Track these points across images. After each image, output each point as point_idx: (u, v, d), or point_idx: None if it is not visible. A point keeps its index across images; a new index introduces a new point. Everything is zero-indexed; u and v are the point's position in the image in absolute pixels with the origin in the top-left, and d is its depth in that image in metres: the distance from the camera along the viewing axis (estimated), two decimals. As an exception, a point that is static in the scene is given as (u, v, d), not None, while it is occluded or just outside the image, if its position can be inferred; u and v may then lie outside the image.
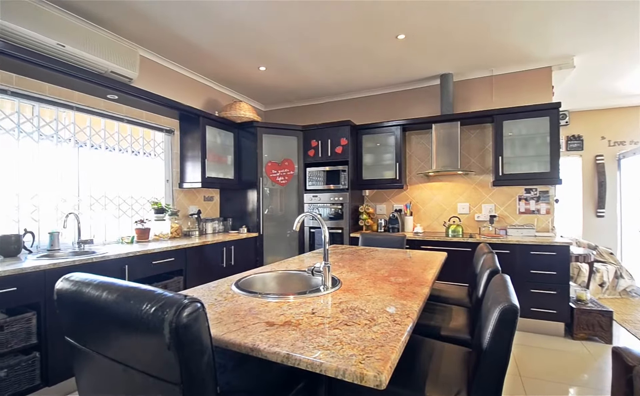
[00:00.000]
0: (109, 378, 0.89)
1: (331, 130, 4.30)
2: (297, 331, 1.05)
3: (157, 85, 3.67)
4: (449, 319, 1.93)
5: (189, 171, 3.87)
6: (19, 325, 2.04)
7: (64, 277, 0.95)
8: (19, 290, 2.01)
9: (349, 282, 1.67)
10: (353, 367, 0.81)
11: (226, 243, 3.72)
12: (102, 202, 3.17)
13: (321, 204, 4.34)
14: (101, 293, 0.83)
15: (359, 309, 1.24)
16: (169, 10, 2.79)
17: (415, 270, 1.93)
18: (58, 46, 2.53)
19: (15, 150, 2.56)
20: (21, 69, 2.44)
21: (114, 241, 3.24)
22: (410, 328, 1.07)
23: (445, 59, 3.73)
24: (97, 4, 2.68)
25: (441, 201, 4.29)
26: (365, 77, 4.26)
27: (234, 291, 1.52)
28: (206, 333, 0.79)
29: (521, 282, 3.31)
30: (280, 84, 4.54)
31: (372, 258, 2.34)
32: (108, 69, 2.89)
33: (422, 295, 1.42)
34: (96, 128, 3.13)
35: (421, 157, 4.41)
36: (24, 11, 2.36)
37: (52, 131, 2.79)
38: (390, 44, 3.39)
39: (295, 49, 3.48)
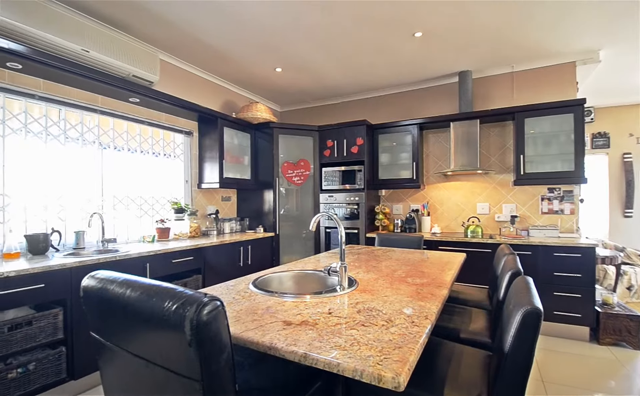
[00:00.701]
0: (132, 373, 0.92)
1: (347, 129, 4.29)
2: (314, 331, 1.05)
3: (177, 88, 3.75)
4: (468, 321, 1.89)
5: (207, 172, 3.94)
6: (46, 320, 2.13)
7: (90, 274, 0.99)
8: (46, 287, 2.10)
9: (366, 282, 1.66)
10: (371, 368, 0.81)
11: (243, 243, 3.77)
12: (125, 202, 3.27)
13: (337, 204, 4.33)
14: (125, 290, 0.85)
15: (376, 310, 1.23)
16: (188, 14, 2.85)
17: (433, 271, 1.90)
18: (82, 51, 2.63)
19: (44, 153, 2.67)
20: (48, 74, 2.55)
21: (135, 240, 3.33)
22: (428, 330, 1.05)
23: (464, 55, 3.65)
24: (119, 10, 2.76)
25: (460, 201, 4.21)
26: (382, 75, 4.23)
27: (251, 290, 1.54)
28: (225, 331, 0.80)
29: (544, 284, 3.21)
30: (296, 85, 4.56)
31: (389, 259, 2.32)
32: (130, 72, 2.98)
33: (441, 296, 1.40)
34: (119, 131, 3.23)
35: (439, 156, 4.34)
36: (51, 18, 2.46)
37: (78, 134, 2.90)
38: (407, 42, 3.35)
39: (311, 49, 3.49)
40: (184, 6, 2.73)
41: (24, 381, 2.01)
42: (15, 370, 1.97)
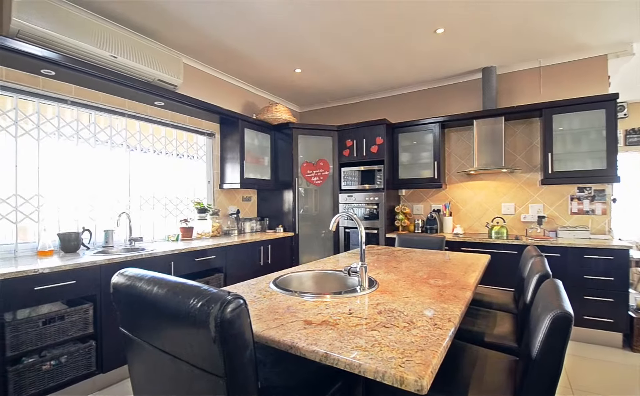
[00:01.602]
0: (159, 368, 0.95)
1: (366, 129, 4.26)
2: (334, 331, 1.05)
3: (199, 90, 3.84)
4: (493, 325, 1.84)
5: (228, 172, 4.01)
6: (77, 315, 2.23)
7: (119, 271, 1.03)
8: (78, 283, 2.20)
9: (386, 283, 1.65)
10: (393, 370, 0.80)
11: (263, 242, 3.82)
12: (151, 202, 3.38)
13: (356, 204, 4.31)
14: (152, 287, 0.88)
15: (397, 311, 1.22)
16: (210, 19, 2.91)
17: (456, 273, 1.86)
18: (111, 57, 2.74)
19: (75, 155, 2.80)
20: (79, 80, 2.67)
21: (161, 239, 3.44)
22: (452, 333, 1.03)
23: (488, 51, 3.55)
24: (146, 16, 2.86)
25: (483, 201, 4.10)
26: (402, 74, 4.17)
27: (272, 289, 1.56)
28: (248, 328, 0.81)
29: (573, 287, 3.07)
30: (315, 85, 4.57)
31: (410, 260, 2.29)
32: (155, 77, 3.08)
33: (464, 299, 1.37)
34: (145, 134, 3.34)
35: (461, 155, 4.24)
36: (82, 26, 2.57)
37: (107, 137, 3.02)
38: (428, 39, 3.29)
39: (331, 49, 3.49)
40: (206, 12, 2.79)
41: (56, 373, 2.11)
42: (49, 362, 2.08)
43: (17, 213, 2.46)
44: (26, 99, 2.52)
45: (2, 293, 1.87)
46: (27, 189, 2.52)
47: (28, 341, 1.99)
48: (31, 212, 2.53)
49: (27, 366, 1.99)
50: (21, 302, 1.95)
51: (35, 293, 2.00)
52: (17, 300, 1.94)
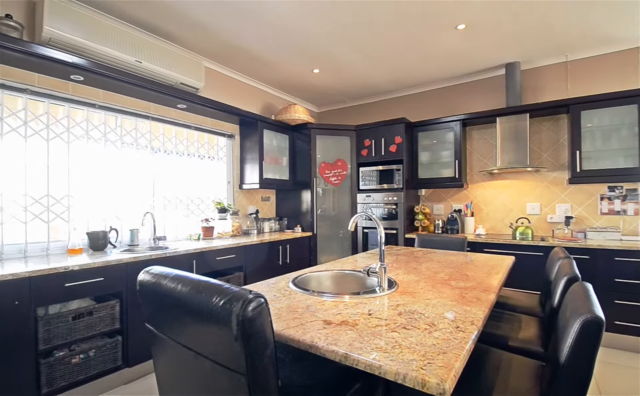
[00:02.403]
0: (182, 364, 0.98)
1: (385, 128, 4.22)
2: (354, 331, 1.05)
3: (220, 93, 3.92)
4: (517, 329, 1.78)
5: (248, 173, 4.07)
6: (105, 311, 2.31)
7: (145, 269, 1.06)
8: (105, 280, 2.29)
9: (406, 284, 1.63)
10: (414, 372, 0.79)
11: (282, 242, 3.85)
12: (174, 203, 3.47)
13: (374, 204, 4.28)
14: (176, 285, 0.91)
15: (418, 313, 1.20)
16: (230, 23, 2.96)
17: (479, 275, 1.82)
18: (136, 62, 2.83)
19: (102, 157, 2.91)
20: (106, 85, 2.77)
21: (183, 238, 3.53)
22: (475, 336, 1.01)
23: (511, 46, 3.45)
24: (168, 21, 2.94)
25: (507, 201, 3.98)
26: (421, 72, 4.11)
27: (291, 288, 1.57)
28: (269, 327, 0.82)
29: (604, 291, 2.94)
30: (333, 85, 4.57)
31: (430, 261, 2.25)
32: (178, 80, 3.16)
33: (488, 301, 1.33)
34: (168, 136, 3.44)
35: (483, 154, 4.14)
36: (108, 33, 2.67)
37: (132, 139, 3.12)
38: (449, 36, 3.23)
39: (349, 48, 3.48)
40: (226, 16, 2.84)
41: (85, 367, 2.20)
42: (78, 356, 2.17)
43: (49, 212, 2.58)
44: (57, 104, 2.64)
45: (35, 289, 1.97)
46: (58, 190, 2.64)
47: (59, 335, 2.09)
48: (62, 212, 2.65)
49: (58, 359, 2.08)
50: (53, 298, 2.05)
51: (65, 290, 2.09)
52: (49, 295, 2.03)
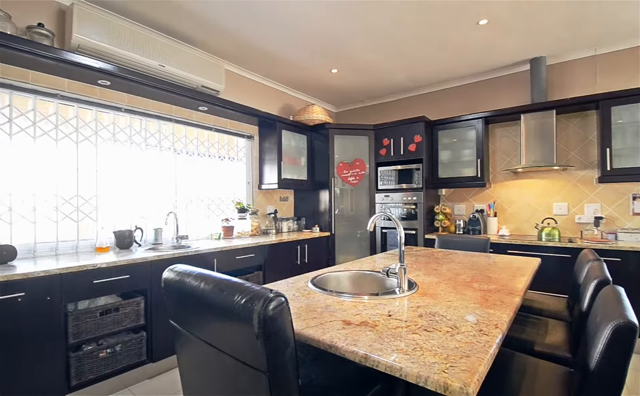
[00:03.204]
0: (205, 360, 1.00)
1: (404, 127, 4.17)
2: (373, 332, 1.04)
3: (239, 95, 3.98)
4: (544, 333, 1.72)
5: (266, 173, 4.12)
6: (130, 307, 2.39)
7: (169, 267, 1.09)
8: (131, 278, 2.37)
9: (426, 285, 1.60)
10: (436, 375, 0.78)
11: (300, 242, 3.87)
12: (195, 203, 3.55)
13: (393, 204, 4.23)
14: (199, 283, 0.93)
15: (439, 315, 1.18)
16: (249, 26, 3.00)
17: (503, 277, 1.77)
18: (159, 67, 2.91)
19: (128, 159, 3.01)
20: (131, 89, 2.87)
21: (204, 237, 3.61)
22: (499, 340, 0.98)
23: (536, 40, 3.33)
24: (189, 26, 3.01)
25: (532, 200, 3.85)
26: (442, 69, 4.04)
27: (310, 288, 1.57)
28: (289, 326, 0.83)
29: (636, 295, 2.79)
30: (351, 85, 4.55)
31: (451, 262, 2.20)
32: (199, 83, 3.23)
33: (512, 304, 1.29)
34: (190, 138, 3.52)
35: (507, 152, 4.02)
36: (132, 38, 2.76)
37: (156, 141, 3.22)
38: (470, 32, 3.15)
39: (368, 47, 3.46)
40: (245, 18, 2.88)
41: (112, 361, 2.28)
42: (105, 350, 2.25)
43: (78, 212, 2.69)
44: (86, 108, 2.75)
45: (66, 286, 2.06)
46: (86, 190, 2.75)
47: (87, 330, 2.17)
48: (90, 211, 2.76)
49: (87, 353, 2.17)
50: (82, 294, 2.14)
51: (94, 286, 2.18)
52: (79, 292, 2.12)
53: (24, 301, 1.89)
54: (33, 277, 1.92)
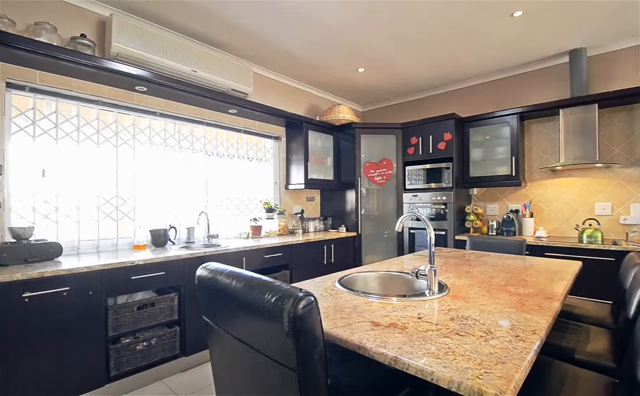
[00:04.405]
0: (236, 356, 1.02)
1: (432, 125, 4.07)
2: (403, 334, 1.02)
3: (267, 96, 4.05)
4: (585, 341, 1.62)
5: (293, 173, 4.16)
6: (165, 303, 2.50)
7: (203, 265, 1.13)
8: (166, 274, 2.47)
9: (458, 288, 1.55)
10: (469, 381, 0.75)
11: (326, 242, 3.87)
12: (225, 203, 3.65)
13: (421, 204, 4.14)
14: (231, 281, 0.96)
15: (472, 319, 1.14)
16: (276, 27, 3.04)
17: (540, 281, 1.68)
18: (192, 72, 3.02)
19: (163, 161, 3.15)
20: (166, 94, 2.99)
21: (233, 236, 3.70)
22: (537, 347, 0.94)
23: (576, 31, 3.15)
24: (219, 31, 3.10)
25: (572, 200, 3.63)
26: (473, 64, 3.90)
27: (337, 288, 1.57)
28: (319, 325, 0.83)
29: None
30: (378, 83, 4.50)
31: (484, 264, 2.13)
32: (229, 87, 3.32)
33: (551, 310, 1.23)
34: (220, 140, 3.63)
35: (544, 149, 3.82)
36: (166, 45, 2.88)
37: (189, 144, 3.34)
38: (503, 24, 3.03)
39: (395, 45, 3.41)
40: (273, 21, 2.92)
41: (147, 354, 2.39)
42: (141, 343, 2.36)
43: (117, 212, 2.84)
44: (124, 113, 2.90)
45: (106, 281, 2.18)
46: (125, 191, 2.90)
47: (125, 324, 2.29)
48: (128, 211, 2.90)
49: (125, 345, 2.29)
50: (120, 289, 2.26)
51: (131, 282, 2.30)
52: (118, 287, 2.24)
53: (68, 295, 2.02)
54: (77, 273, 2.05)
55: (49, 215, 2.50)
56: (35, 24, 2.33)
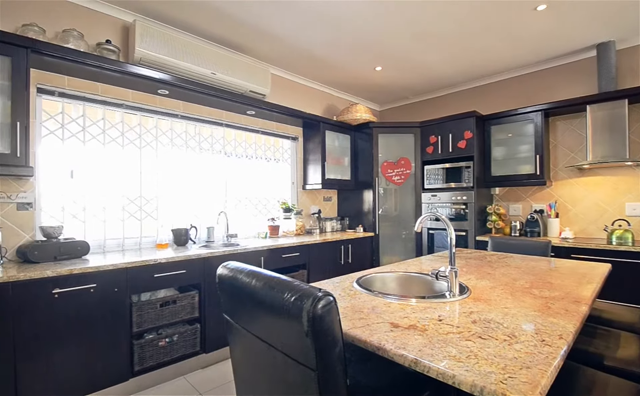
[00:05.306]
0: (256, 354, 1.04)
1: (452, 123, 3.99)
2: (423, 336, 1.01)
3: (284, 97, 4.08)
4: (615, 347, 1.55)
5: (310, 173, 4.17)
6: (186, 300, 2.55)
7: (223, 264, 1.15)
8: (187, 272, 2.53)
9: (479, 290, 1.52)
10: (493, 386, 0.74)
11: (344, 242, 3.86)
12: (243, 203, 3.71)
13: (440, 204, 4.07)
14: (251, 280, 0.97)
15: (495, 322, 1.12)
16: (294, 28, 3.06)
17: (567, 283, 1.62)
18: (211, 74, 3.08)
19: (184, 162, 3.22)
20: (186, 97, 3.06)
21: (252, 235, 3.75)
22: (564, 352, 0.90)
23: (603, 23, 3.01)
24: (237, 34, 3.15)
25: (600, 200, 3.48)
26: (495, 60, 3.80)
27: (355, 288, 1.57)
28: (337, 325, 0.83)
29: None
30: (396, 81, 4.46)
31: (506, 266, 2.07)
32: (247, 88, 3.37)
33: (579, 314, 1.18)
34: (239, 140, 3.68)
35: (570, 147, 3.68)
36: (187, 49, 2.94)
37: (209, 145, 3.41)
38: (527, 19, 2.94)
39: (414, 42, 3.36)
40: (290, 21, 2.94)
41: (169, 350, 2.45)
42: (164, 340, 2.43)
43: (141, 211, 2.93)
44: (147, 116, 2.99)
45: (131, 278, 2.25)
46: (148, 191, 2.98)
47: (149, 320, 2.36)
48: (151, 211, 2.99)
49: (148, 341, 2.35)
50: (144, 286, 2.33)
51: (154, 280, 2.36)
52: (141, 284, 2.31)
53: (95, 291, 2.10)
54: (103, 270, 2.13)
55: (77, 214, 2.61)
56: (63, 31, 2.43)
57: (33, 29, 2.27)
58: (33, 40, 2.12)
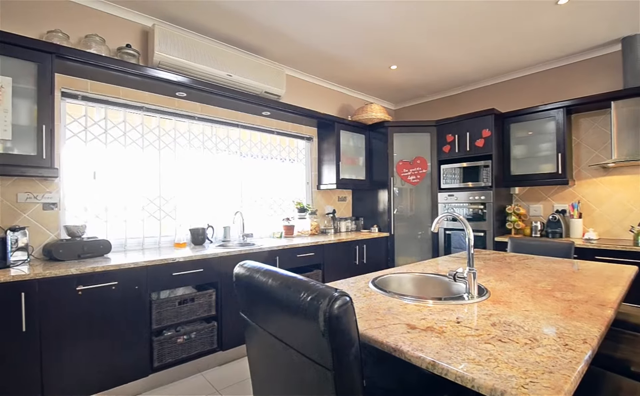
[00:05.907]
0: (272, 352, 1.05)
1: (470, 122, 3.91)
2: (440, 339, 0.99)
3: (299, 98, 4.09)
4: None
5: (325, 173, 4.17)
6: (204, 299, 2.60)
7: (239, 263, 1.17)
8: (204, 271, 2.57)
9: (499, 292, 1.48)
10: (514, 390, 0.72)
11: (358, 242, 3.85)
12: (259, 203, 3.74)
13: (457, 204, 4.00)
14: (267, 279, 0.98)
15: (515, 325, 1.09)
16: (308, 27, 3.07)
17: (591, 286, 1.57)
18: (227, 76, 3.12)
19: (201, 162, 3.28)
20: (203, 99, 3.11)
21: (267, 235, 3.78)
22: (588, 357, 0.87)
23: (629, 16, 2.90)
24: (253, 36, 3.18)
25: (626, 200, 3.35)
26: (513, 56, 3.71)
27: (371, 289, 1.56)
28: (354, 326, 0.83)
29: None
30: (412, 80, 4.41)
31: (527, 268, 2.02)
32: (262, 89, 3.40)
33: (604, 317, 1.14)
34: (254, 141, 3.72)
35: (594, 145, 3.55)
36: (204, 51, 2.99)
37: (225, 146, 3.46)
38: (547, 13, 2.85)
39: (430, 39, 3.32)
40: (304, 21, 2.95)
41: (187, 347, 2.50)
42: (182, 337, 2.47)
43: (160, 211, 3.00)
44: (166, 118, 3.06)
45: (150, 276, 2.31)
46: (167, 192, 3.05)
47: (167, 317, 2.41)
48: (170, 211, 3.06)
49: (167, 338, 2.41)
50: (163, 284, 2.38)
51: (173, 278, 2.41)
52: (161, 282, 2.37)
53: (117, 289, 2.16)
54: (124, 268, 2.19)
55: (99, 214, 2.69)
56: (86, 37, 2.52)
57: (57, 35, 2.36)
58: (57, 46, 2.21)
